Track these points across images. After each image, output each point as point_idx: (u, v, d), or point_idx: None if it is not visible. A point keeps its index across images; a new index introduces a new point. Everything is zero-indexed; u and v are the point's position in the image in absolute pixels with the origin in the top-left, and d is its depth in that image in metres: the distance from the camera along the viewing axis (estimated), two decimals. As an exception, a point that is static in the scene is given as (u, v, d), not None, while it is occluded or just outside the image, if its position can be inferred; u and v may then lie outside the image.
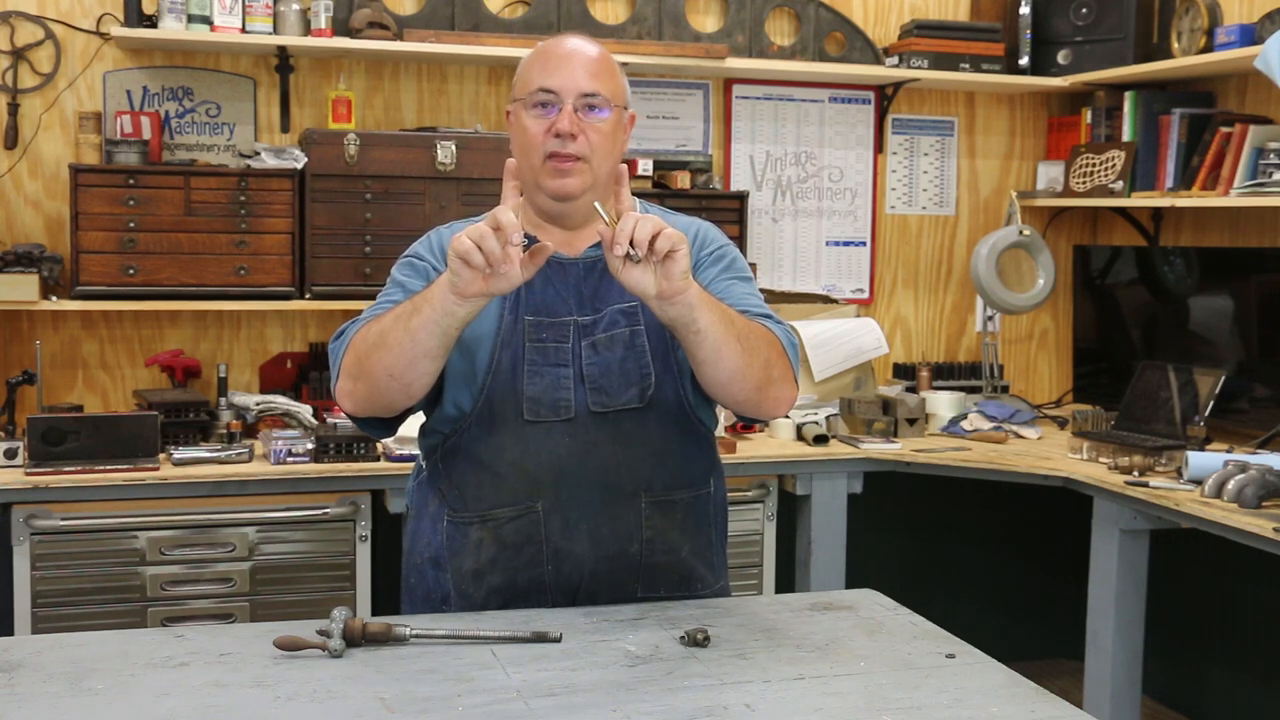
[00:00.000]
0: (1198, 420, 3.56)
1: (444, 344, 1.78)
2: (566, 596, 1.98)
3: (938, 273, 4.61)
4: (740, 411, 1.95)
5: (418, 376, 1.81)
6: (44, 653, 1.73)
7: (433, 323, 1.74)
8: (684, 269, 1.68)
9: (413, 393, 1.85)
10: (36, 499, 3.11)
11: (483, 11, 3.95)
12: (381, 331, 1.81)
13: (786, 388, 1.92)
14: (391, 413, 1.91)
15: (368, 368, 1.82)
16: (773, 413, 1.95)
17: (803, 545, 3.72)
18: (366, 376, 1.83)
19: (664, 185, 4.00)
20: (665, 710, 1.56)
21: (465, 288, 1.69)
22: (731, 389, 1.86)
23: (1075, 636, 3.63)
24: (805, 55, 4.25)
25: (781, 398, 1.92)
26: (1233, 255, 4.05)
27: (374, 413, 1.90)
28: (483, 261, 1.65)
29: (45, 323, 3.74)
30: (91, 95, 3.75)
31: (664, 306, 1.71)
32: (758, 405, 1.91)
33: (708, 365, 1.81)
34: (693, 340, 1.77)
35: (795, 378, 1.95)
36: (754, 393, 1.87)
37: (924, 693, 1.64)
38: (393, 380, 1.81)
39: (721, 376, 1.83)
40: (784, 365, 1.91)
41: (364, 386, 1.85)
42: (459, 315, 1.73)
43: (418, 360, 1.78)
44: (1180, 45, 3.99)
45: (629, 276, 1.69)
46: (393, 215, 3.65)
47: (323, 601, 3.26)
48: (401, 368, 1.79)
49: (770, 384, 1.88)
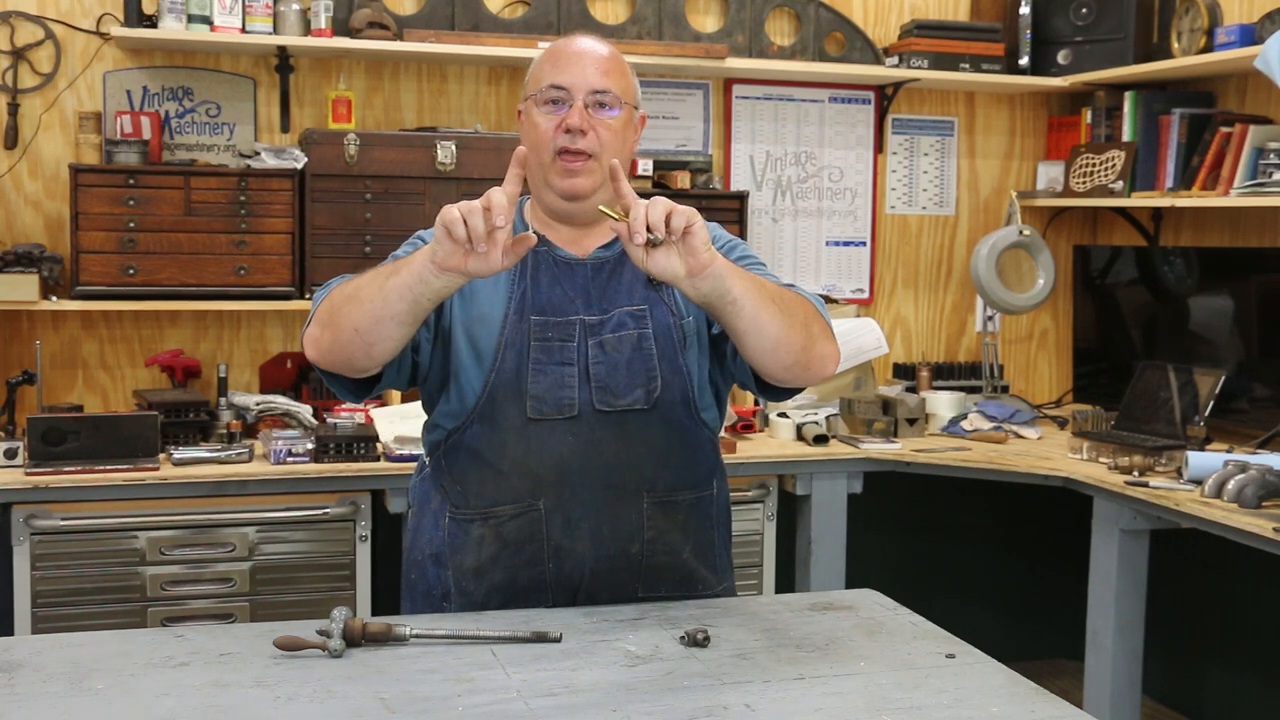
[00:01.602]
0: (1198, 420, 3.56)
1: (413, 312, 1.76)
2: (567, 595, 1.98)
3: (938, 273, 4.61)
4: (789, 378, 1.89)
5: (380, 338, 1.79)
6: (44, 653, 1.72)
7: (406, 287, 1.73)
8: (705, 240, 1.67)
9: (373, 354, 1.82)
10: (36, 499, 3.11)
11: (483, 11, 3.95)
12: (358, 286, 1.81)
13: (829, 344, 1.90)
14: (353, 372, 1.88)
15: (336, 318, 1.82)
16: (821, 372, 1.91)
17: (803, 545, 3.72)
18: (334, 326, 1.83)
19: (664, 185, 4.00)
20: (665, 710, 1.56)
21: (444, 259, 1.68)
22: (779, 354, 1.82)
23: (1075, 636, 3.63)
24: (805, 55, 4.25)
25: (828, 354, 1.90)
26: (1233, 255, 4.05)
27: (335, 367, 1.88)
28: (464, 235, 1.64)
29: (45, 323, 3.74)
30: (91, 95, 3.75)
31: (696, 284, 1.69)
32: (806, 366, 1.87)
33: (750, 335, 1.78)
34: (731, 312, 1.74)
35: (834, 334, 1.93)
36: (801, 353, 1.84)
37: (924, 693, 1.64)
38: (356, 335, 1.80)
39: (766, 343, 1.80)
40: (822, 323, 1.90)
41: (329, 336, 1.84)
42: (433, 286, 1.72)
43: (384, 321, 1.77)
44: (1180, 45, 3.99)
45: (656, 264, 1.68)
46: (393, 215, 3.65)
47: (323, 601, 3.26)
48: (368, 325, 1.78)
49: (814, 341, 1.86)
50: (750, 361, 1.86)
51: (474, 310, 1.96)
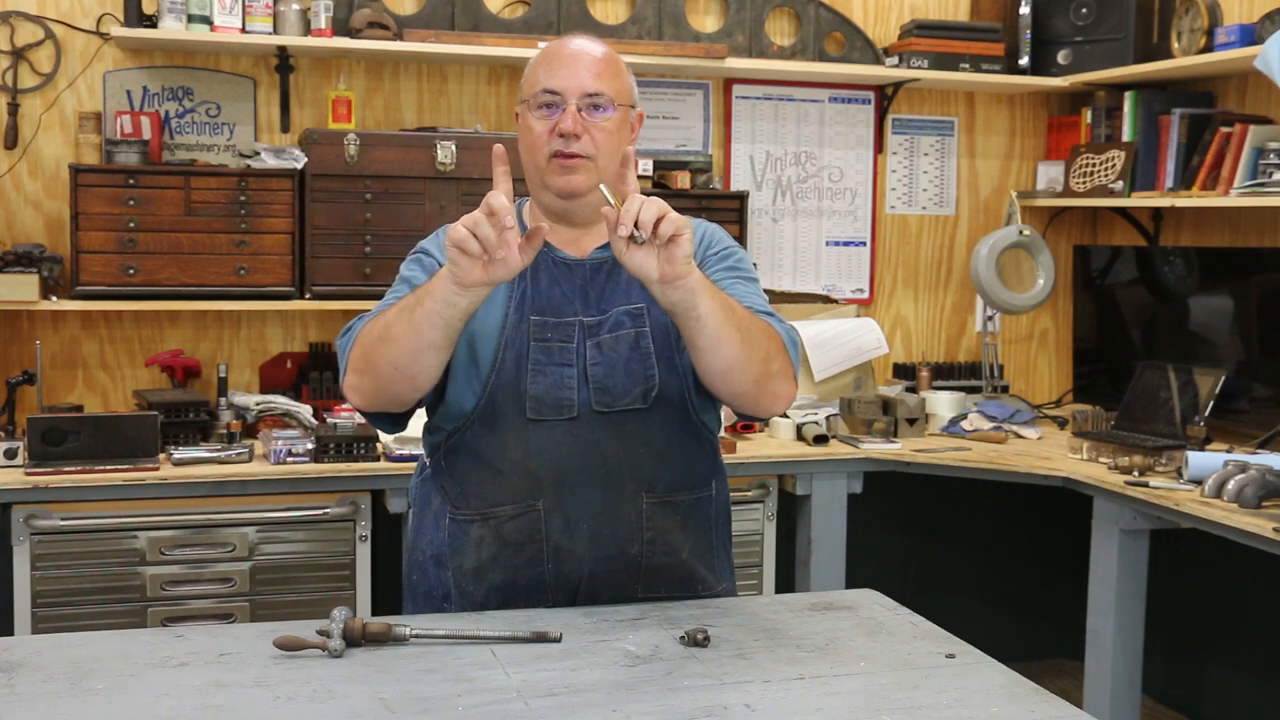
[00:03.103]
0: (1198, 420, 3.56)
1: (448, 335, 1.78)
2: (567, 596, 1.98)
3: (938, 273, 4.61)
4: (738, 406, 1.93)
5: (422, 369, 1.82)
6: (44, 653, 1.72)
7: (435, 314, 1.74)
8: (686, 254, 1.68)
9: (419, 385, 1.85)
10: (36, 499, 3.11)
11: (483, 11, 3.95)
12: (386, 325, 1.82)
13: (785, 384, 1.91)
14: (399, 406, 1.91)
15: (373, 362, 1.83)
16: (771, 409, 1.93)
17: (803, 545, 3.72)
18: (372, 371, 1.84)
19: (664, 185, 4.00)
20: (665, 710, 1.56)
21: (465, 277, 1.69)
22: (730, 380, 1.84)
23: (1075, 636, 3.63)
24: (805, 55, 4.25)
25: (780, 393, 1.91)
26: (1233, 255, 4.05)
27: (382, 407, 1.91)
28: (479, 249, 1.65)
29: (45, 323, 3.74)
30: (91, 95, 3.75)
31: (666, 291, 1.71)
32: (756, 400, 1.89)
33: (707, 353, 1.80)
34: (693, 327, 1.76)
35: (795, 375, 1.94)
36: (753, 385, 1.86)
37: (924, 693, 1.64)
38: (398, 373, 1.82)
39: (720, 366, 1.82)
40: (784, 361, 1.91)
41: (370, 381, 1.86)
42: (460, 306, 1.73)
43: (422, 353, 1.79)
44: (1180, 45, 3.99)
45: (631, 259, 1.69)
46: (393, 215, 3.65)
47: (323, 601, 3.26)
48: (406, 361, 1.80)
49: (769, 378, 1.87)
50: (702, 377, 1.89)
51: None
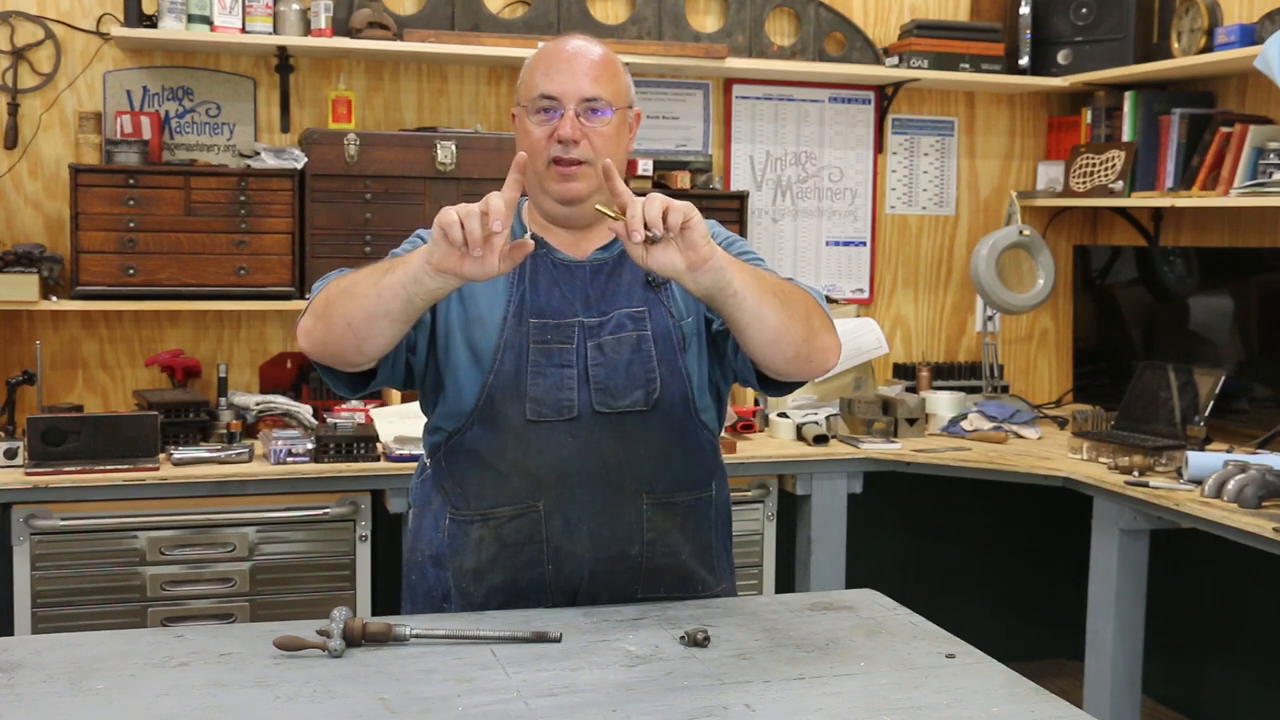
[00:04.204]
0: (1198, 420, 3.56)
1: (406, 311, 1.76)
2: (567, 597, 1.98)
3: (938, 273, 4.61)
4: (791, 370, 1.88)
5: (372, 334, 1.80)
6: (44, 653, 1.72)
7: (401, 286, 1.73)
8: (704, 233, 1.67)
9: (365, 350, 1.83)
10: (36, 499, 3.11)
11: (483, 11, 3.95)
12: (354, 280, 1.82)
13: (830, 336, 1.89)
14: (343, 365, 1.89)
15: (330, 311, 1.83)
16: (823, 364, 1.90)
17: (803, 545, 3.72)
18: (327, 319, 1.83)
19: (664, 185, 4.00)
20: (665, 710, 1.56)
21: (440, 261, 1.68)
22: (780, 345, 1.81)
23: (1075, 636, 3.63)
24: (805, 55, 4.25)
25: (829, 346, 1.89)
26: (1233, 255, 4.05)
27: (327, 359, 1.89)
28: (460, 239, 1.64)
29: (45, 323, 3.74)
30: (91, 95, 3.75)
31: (697, 278, 1.69)
32: (808, 358, 1.86)
33: (752, 327, 1.78)
34: (733, 305, 1.74)
35: (835, 328, 1.92)
36: (802, 345, 1.83)
37: (924, 693, 1.64)
38: (349, 329, 1.80)
39: (768, 335, 1.79)
40: (823, 315, 1.89)
41: (322, 328, 1.84)
42: (428, 287, 1.72)
43: (376, 318, 1.77)
44: (1180, 45, 3.99)
45: (656, 261, 1.67)
46: (393, 215, 3.65)
47: (323, 601, 3.26)
48: (360, 320, 1.79)
49: (815, 334, 1.85)
50: (751, 355, 1.86)
51: (473, 312, 1.96)
